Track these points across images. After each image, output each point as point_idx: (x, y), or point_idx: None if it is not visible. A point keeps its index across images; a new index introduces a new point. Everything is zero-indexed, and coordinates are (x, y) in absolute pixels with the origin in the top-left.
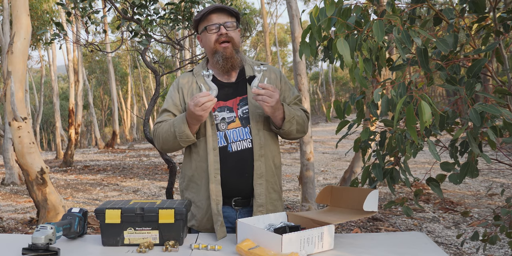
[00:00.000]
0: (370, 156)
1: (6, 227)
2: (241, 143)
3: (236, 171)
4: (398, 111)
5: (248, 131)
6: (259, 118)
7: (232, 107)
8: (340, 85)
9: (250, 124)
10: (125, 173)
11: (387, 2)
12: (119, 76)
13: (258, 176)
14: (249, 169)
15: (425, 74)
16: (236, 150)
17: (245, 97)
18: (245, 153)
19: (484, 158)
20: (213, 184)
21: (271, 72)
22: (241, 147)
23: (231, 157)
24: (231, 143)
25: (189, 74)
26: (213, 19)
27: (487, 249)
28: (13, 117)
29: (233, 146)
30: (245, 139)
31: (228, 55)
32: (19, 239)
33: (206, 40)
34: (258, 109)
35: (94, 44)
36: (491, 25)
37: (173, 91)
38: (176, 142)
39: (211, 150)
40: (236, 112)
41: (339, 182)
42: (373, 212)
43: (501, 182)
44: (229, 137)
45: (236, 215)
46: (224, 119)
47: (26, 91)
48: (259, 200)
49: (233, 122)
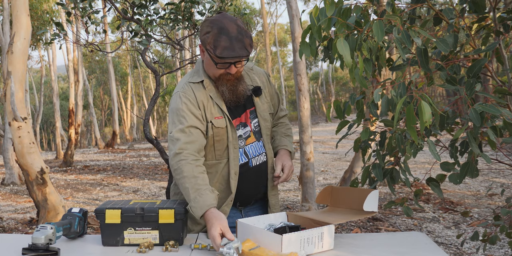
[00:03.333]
0: (370, 156)
1: (6, 227)
2: (259, 158)
3: (253, 184)
4: (398, 111)
5: (262, 145)
6: (268, 131)
7: (245, 122)
8: (340, 85)
9: (262, 137)
10: (125, 173)
11: (387, 2)
12: (119, 76)
13: (271, 188)
14: (263, 181)
15: (425, 74)
16: (256, 164)
17: (253, 109)
18: (262, 167)
19: (484, 158)
20: (226, 207)
21: (260, 76)
22: (259, 161)
23: (251, 171)
24: (251, 158)
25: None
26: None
27: (487, 249)
28: (13, 117)
29: (253, 161)
30: (261, 153)
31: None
32: (19, 239)
33: (210, 66)
34: (267, 122)
35: (94, 44)
36: (491, 25)
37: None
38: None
39: (233, 175)
40: (250, 126)
41: (339, 182)
42: (373, 212)
43: (501, 182)
44: (248, 153)
45: (241, 214)
46: (241, 136)
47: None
48: (274, 210)
49: (249, 137)
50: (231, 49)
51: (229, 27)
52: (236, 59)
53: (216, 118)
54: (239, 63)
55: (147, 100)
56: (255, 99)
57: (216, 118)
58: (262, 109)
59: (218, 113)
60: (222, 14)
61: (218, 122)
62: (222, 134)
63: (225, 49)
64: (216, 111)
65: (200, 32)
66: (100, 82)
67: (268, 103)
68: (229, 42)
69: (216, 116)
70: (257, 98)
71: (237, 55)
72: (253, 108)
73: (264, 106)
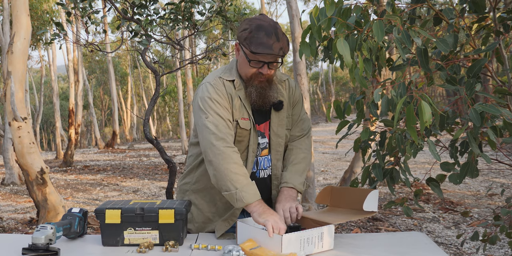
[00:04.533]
0: (370, 156)
1: (6, 227)
2: (266, 171)
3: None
4: (398, 111)
5: (269, 159)
6: (280, 147)
7: (264, 132)
8: (340, 85)
9: (271, 153)
10: (125, 173)
11: (387, 2)
12: (119, 76)
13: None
14: (267, 196)
15: (425, 74)
16: (263, 177)
17: (269, 122)
18: (267, 181)
19: (484, 158)
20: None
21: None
22: (265, 174)
23: (257, 182)
24: (260, 169)
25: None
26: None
27: (487, 249)
28: (13, 117)
29: (261, 173)
30: (268, 166)
31: (262, 91)
32: (19, 239)
33: (243, 65)
34: (279, 138)
35: (94, 44)
36: (491, 25)
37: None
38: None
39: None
40: (268, 138)
41: (339, 182)
42: (373, 212)
43: (501, 182)
44: (260, 164)
45: (244, 215)
46: (259, 145)
47: (26, 91)
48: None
49: (266, 148)
50: (267, 46)
51: (268, 26)
52: (270, 58)
53: (242, 119)
54: (272, 65)
55: (147, 100)
56: (273, 114)
57: (242, 119)
58: (277, 124)
59: (245, 114)
60: (263, 15)
61: (243, 123)
62: (245, 136)
63: (261, 45)
64: (243, 112)
65: (238, 30)
66: (100, 82)
67: (288, 119)
68: (266, 39)
69: (243, 117)
70: (275, 113)
71: (272, 53)
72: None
73: (281, 121)
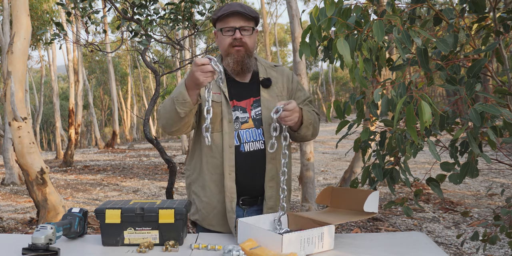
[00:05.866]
0: (370, 156)
1: (6, 227)
2: (253, 144)
3: (247, 171)
4: (398, 111)
5: (261, 133)
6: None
7: (246, 107)
8: (340, 85)
9: (263, 126)
10: (125, 173)
11: (387, 2)
12: (119, 76)
13: (269, 179)
14: (260, 170)
15: (425, 74)
16: (249, 150)
17: (259, 98)
18: (257, 154)
19: (484, 158)
20: (228, 181)
21: (282, 73)
22: (253, 147)
23: (243, 157)
24: (243, 143)
25: None
26: (230, 22)
27: (487, 249)
28: (13, 117)
29: (245, 146)
30: (257, 140)
31: (239, 59)
32: (19, 239)
33: (220, 41)
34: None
35: (94, 44)
36: (491, 25)
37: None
38: (173, 108)
39: (227, 148)
40: (250, 113)
41: (339, 182)
42: (373, 213)
43: (501, 182)
44: (242, 137)
45: (243, 214)
46: (238, 119)
47: (26, 91)
48: (270, 202)
49: (246, 122)
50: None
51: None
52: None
53: (213, 93)
54: (244, 30)
55: (147, 100)
56: (262, 90)
57: (213, 93)
58: (268, 100)
59: (216, 90)
60: None
61: (214, 96)
62: (216, 107)
63: (223, 9)
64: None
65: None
66: (100, 82)
67: (281, 97)
68: (228, 6)
69: (214, 92)
70: (265, 90)
71: (231, 9)
72: (258, 97)
73: (272, 97)
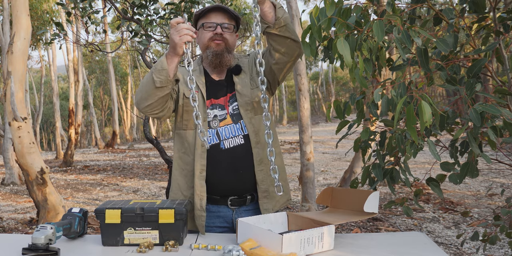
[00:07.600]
0: (370, 156)
1: (6, 227)
2: (233, 140)
3: (229, 168)
4: (398, 111)
5: (239, 128)
6: (248, 106)
7: (224, 104)
8: (340, 85)
9: (241, 113)
10: (125, 173)
11: (387, 2)
12: (119, 76)
13: (258, 163)
14: (242, 165)
15: (425, 74)
16: (229, 147)
17: (234, 93)
18: (238, 150)
19: (484, 158)
20: (198, 179)
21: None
22: (233, 143)
23: (224, 154)
24: (223, 140)
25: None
26: (212, 17)
27: (487, 249)
28: (13, 117)
29: (225, 143)
30: (237, 135)
31: (219, 52)
32: (19, 239)
33: (201, 36)
34: (246, 97)
35: (94, 44)
36: (491, 25)
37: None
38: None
39: (199, 146)
40: (227, 109)
41: (339, 182)
42: (373, 213)
43: (501, 182)
44: (221, 135)
45: (232, 214)
46: (216, 117)
47: (26, 91)
48: (263, 185)
49: (225, 119)
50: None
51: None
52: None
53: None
54: (226, 28)
55: None
56: (235, 79)
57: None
58: (241, 85)
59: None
60: None
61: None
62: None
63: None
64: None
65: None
66: (100, 82)
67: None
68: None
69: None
70: (237, 78)
71: (220, 7)
72: (234, 92)
73: (244, 83)
